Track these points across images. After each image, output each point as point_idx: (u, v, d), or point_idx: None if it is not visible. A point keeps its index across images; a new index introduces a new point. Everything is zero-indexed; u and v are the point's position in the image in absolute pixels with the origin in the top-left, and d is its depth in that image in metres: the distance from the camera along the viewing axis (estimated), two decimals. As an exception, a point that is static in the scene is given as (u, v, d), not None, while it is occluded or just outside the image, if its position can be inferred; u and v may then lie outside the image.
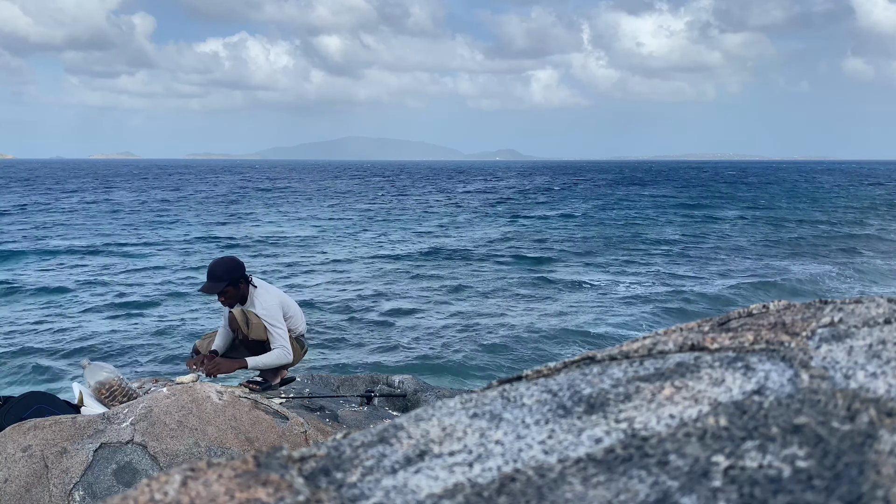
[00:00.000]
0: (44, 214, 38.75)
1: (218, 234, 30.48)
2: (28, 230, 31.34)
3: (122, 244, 26.76)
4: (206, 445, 3.86)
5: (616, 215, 37.55)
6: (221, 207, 43.46)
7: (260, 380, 4.99)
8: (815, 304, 1.26)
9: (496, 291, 18.27)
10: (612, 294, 18.11)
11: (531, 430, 0.84)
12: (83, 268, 21.41)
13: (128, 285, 18.89)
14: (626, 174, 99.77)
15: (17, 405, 4.32)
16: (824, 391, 0.84)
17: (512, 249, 25.65)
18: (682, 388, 0.90)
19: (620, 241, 27.68)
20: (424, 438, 0.84)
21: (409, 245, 26.48)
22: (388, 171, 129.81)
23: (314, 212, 40.59)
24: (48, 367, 11.93)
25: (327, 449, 0.84)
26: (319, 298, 17.10)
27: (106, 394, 4.54)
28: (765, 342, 1.03)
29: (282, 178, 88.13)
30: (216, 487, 0.73)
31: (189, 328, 14.57)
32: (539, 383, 1.00)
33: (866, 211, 39.67)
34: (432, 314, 15.81)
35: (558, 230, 32.38)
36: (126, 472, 3.69)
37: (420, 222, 35.36)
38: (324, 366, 11.86)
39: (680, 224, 33.52)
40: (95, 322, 14.89)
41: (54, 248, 25.70)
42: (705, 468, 0.70)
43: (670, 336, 1.15)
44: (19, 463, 3.68)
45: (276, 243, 27.19)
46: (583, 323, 15.33)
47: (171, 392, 4.16)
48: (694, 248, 25.18)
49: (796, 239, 27.36)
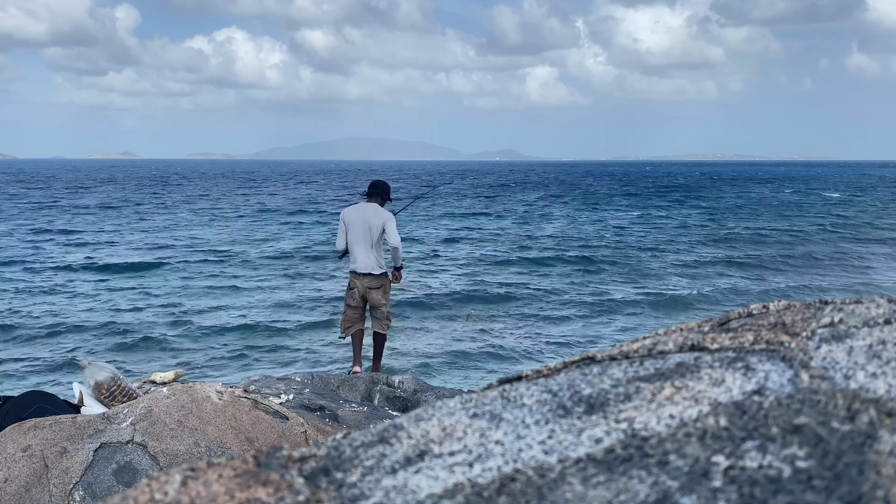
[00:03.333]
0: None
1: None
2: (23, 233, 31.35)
3: (123, 243, 26.78)
4: (206, 445, 3.87)
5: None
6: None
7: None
8: (815, 304, 1.26)
9: (496, 291, 18.27)
10: (614, 296, 18.12)
11: (531, 430, 0.84)
12: (82, 265, 21.43)
13: (128, 285, 18.90)
14: (633, 179, 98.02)
15: (17, 405, 4.32)
16: (824, 391, 0.84)
17: (513, 249, 25.66)
18: (682, 389, 0.90)
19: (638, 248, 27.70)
20: (424, 438, 0.84)
21: (410, 245, 26.48)
22: (385, 173, 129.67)
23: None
24: (48, 367, 11.93)
25: (327, 449, 0.84)
26: (318, 299, 17.11)
27: (106, 394, 4.54)
28: (765, 342, 1.03)
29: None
30: (216, 487, 0.73)
31: (191, 328, 14.58)
32: (539, 383, 1.00)
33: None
34: (432, 314, 15.82)
35: (560, 230, 32.40)
36: (126, 472, 3.69)
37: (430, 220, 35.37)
38: (324, 366, 11.86)
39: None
40: (96, 322, 14.89)
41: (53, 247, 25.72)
42: (705, 468, 0.70)
43: (670, 336, 1.15)
44: (19, 463, 3.68)
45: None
46: (583, 323, 15.34)
47: (171, 392, 4.16)
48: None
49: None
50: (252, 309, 16.15)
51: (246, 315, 15.61)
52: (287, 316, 15.49)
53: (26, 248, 25.40)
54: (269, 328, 14.56)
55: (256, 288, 18.56)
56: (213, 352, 13.06)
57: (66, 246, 26.23)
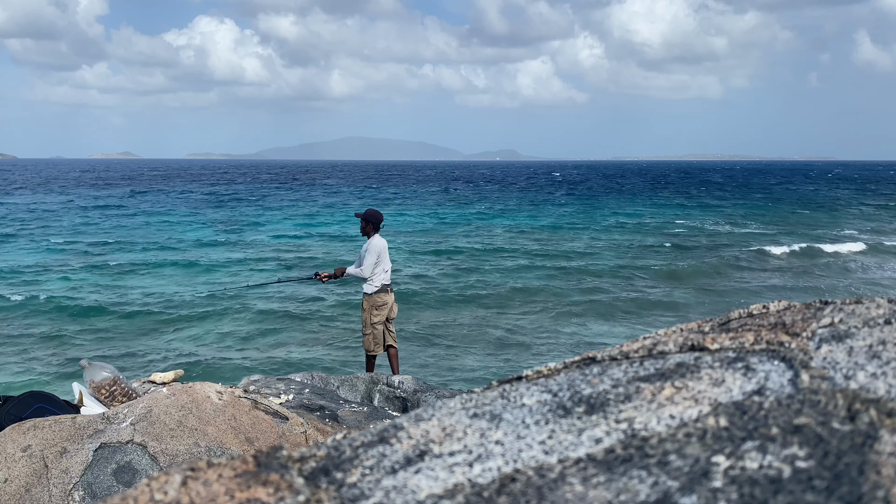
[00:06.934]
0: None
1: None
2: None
3: (124, 244, 26.76)
4: (205, 445, 3.86)
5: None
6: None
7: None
8: (816, 304, 1.26)
9: (497, 291, 18.27)
10: (616, 296, 18.10)
11: (531, 430, 0.84)
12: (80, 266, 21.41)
13: (127, 284, 18.89)
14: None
15: (17, 405, 4.32)
16: (824, 392, 0.84)
17: (512, 249, 25.65)
18: (683, 389, 0.90)
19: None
20: (424, 438, 0.84)
21: (408, 244, 26.48)
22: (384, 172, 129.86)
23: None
24: (48, 367, 11.93)
25: (327, 449, 0.84)
26: (318, 297, 17.10)
27: (106, 394, 4.54)
28: (765, 342, 1.03)
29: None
30: (216, 487, 0.73)
31: (187, 330, 14.57)
32: (539, 383, 1.00)
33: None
34: (432, 314, 15.81)
35: (558, 228, 32.38)
36: (126, 472, 3.69)
37: (421, 214, 35.37)
38: (324, 366, 11.86)
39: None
40: (96, 322, 14.88)
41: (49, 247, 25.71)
42: (705, 468, 0.70)
43: (670, 336, 1.15)
44: (19, 463, 3.68)
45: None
46: (582, 324, 15.34)
47: (171, 392, 4.16)
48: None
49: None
50: (252, 309, 16.15)
51: (246, 315, 15.61)
52: (288, 316, 15.49)
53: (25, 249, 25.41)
54: (270, 328, 14.56)
55: (257, 288, 18.55)
56: (213, 352, 13.06)
57: (66, 245, 26.23)
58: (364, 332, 7.71)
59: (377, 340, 7.68)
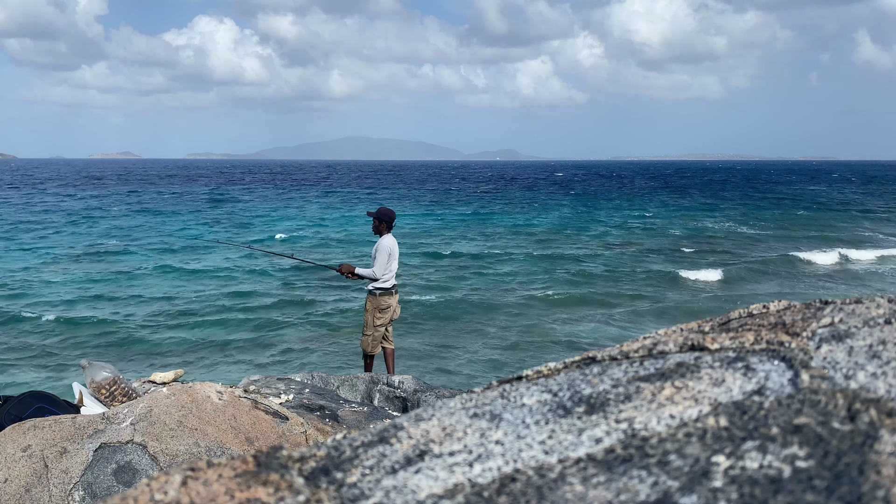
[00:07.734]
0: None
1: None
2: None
3: (121, 244, 26.76)
4: (205, 445, 3.86)
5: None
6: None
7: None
8: (816, 304, 1.26)
9: (497, 291, 18.27)
10: (618, 297, 18.10)
11: (531, 430, 0.84)
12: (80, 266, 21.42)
13: (127, 285, 18.89)
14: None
15: (17, 405, 4.32)
16: (825, 391, 0.84)
17: (512, 249, 25.65)
18: (683, 389, 0.90)
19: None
20: (424, 438, 0.84)
21: (408, 244, 26.48)
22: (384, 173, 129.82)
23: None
24: (48, 367, 11.93)
25: (327, 449, 0.84)
26: (318, 298, 17.10)
27: (106, 394, 4.54)
28: (765, 342, 1.03)
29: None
30: (216, 487, 0.73)
31: (187, 330, 14.57)
32: (539, 383, 1.00)
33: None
34: (432, 314, 15.81)
35: (557, 228, 32.39)
36: (126, 472, 3.69)
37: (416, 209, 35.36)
38: (324, 366, 11.86)
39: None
40: (94, 321, 14.88)
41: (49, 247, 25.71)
42: (705, 468, 0.70)
43: (670, 336, 1.15)
44: (19, 463, 3.68)
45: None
46: (582, 324, 15.33)
47: (171, 392, 4.16)
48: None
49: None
50: (253, 309, 16.15)
51: (246, 315, 15.61)
52: (288, 316, 15.48)
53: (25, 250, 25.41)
54: (270, 328, 14.56)
55: (256, 287, 18.55)
56: (213, 352, 13.05)
57: (66, 245, 26.23)
58: (365, 332, 7.65)
59: (377, 342, 7.66)
